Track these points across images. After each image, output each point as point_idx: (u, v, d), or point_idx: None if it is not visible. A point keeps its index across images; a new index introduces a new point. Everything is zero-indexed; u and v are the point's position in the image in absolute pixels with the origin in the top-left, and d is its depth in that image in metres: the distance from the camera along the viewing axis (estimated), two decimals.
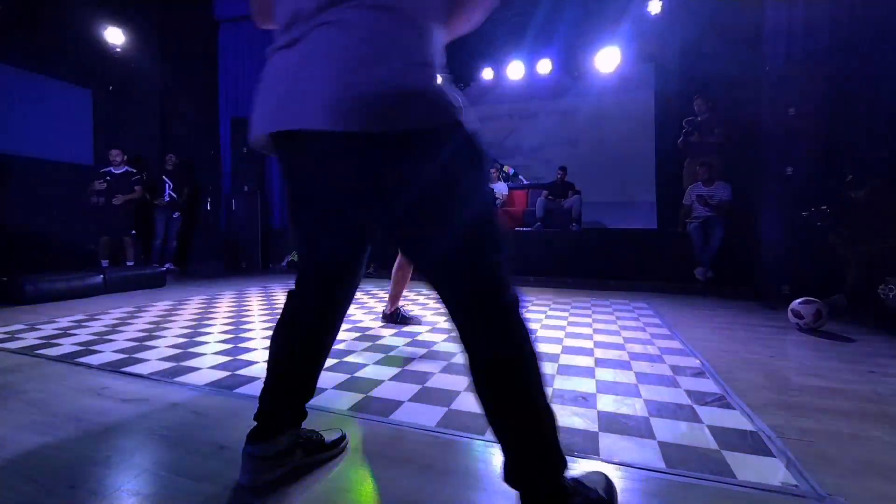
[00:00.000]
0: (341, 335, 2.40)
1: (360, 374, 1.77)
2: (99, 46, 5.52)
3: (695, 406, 1.46)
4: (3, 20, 4.50)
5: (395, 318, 2.68)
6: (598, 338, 2.39)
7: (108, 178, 5.10)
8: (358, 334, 2.44)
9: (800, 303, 2.64)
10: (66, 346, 2.12)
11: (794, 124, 3.69)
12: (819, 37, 3.58)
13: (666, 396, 1.54)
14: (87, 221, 5.25)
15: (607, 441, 1.21)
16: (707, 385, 1.66)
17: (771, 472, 1.07)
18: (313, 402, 1.45)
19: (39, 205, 4.98)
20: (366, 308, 3.26)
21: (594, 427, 1.30)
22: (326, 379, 1.69)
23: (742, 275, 4.23)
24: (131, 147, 5.61)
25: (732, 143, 4.76)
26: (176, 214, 5.74)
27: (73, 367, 1.83)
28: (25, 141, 4.89)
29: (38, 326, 2.51)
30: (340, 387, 1.61)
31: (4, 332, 2.35)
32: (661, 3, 5.73)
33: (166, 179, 5.65)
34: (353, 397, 1.51)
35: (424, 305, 3.39)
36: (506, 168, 7.83)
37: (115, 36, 5.61)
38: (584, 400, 1.51)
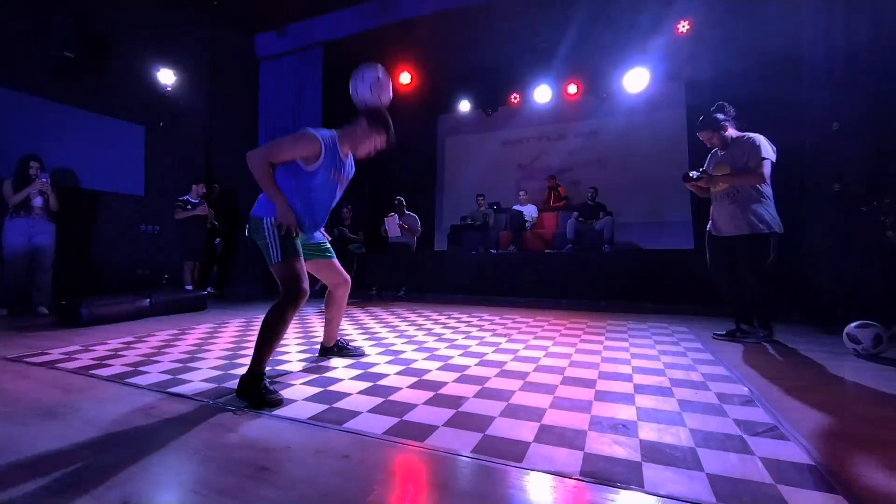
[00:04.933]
0: (374, 358, 2.42)
1: (393, 397, 1.77)
2: (152, 86, 5.98)
3: (745, 436, 1.38)
4: (71, 67, 4.96)
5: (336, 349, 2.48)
6: (637, 363, 2.31)
7: (188, 206, 5.47)
8: (390, 357, 2.45)
9: (856, 326, 2.48)
10: (117, 366, 2.24)
11: (838, 140, 3.54)
12: (861, 52, 3.46)
13: (713, 425, 1.47)
14: (141, 248, 5.65)
15: (651, 472, 1.16)
16: (757, 414, 1.57)
17: None
18: (348, 424, 1.47)
19: (97, 234, 5.34)
20: (397, 332, 3.28)
21: (636, 457, 1.25)
22: (362, 402, 1.71)
23: (788, 297, 4.02)
24: (179, 178, 5.98)
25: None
26: (217, 241, 6.02)
27: (123, 386, 1.92)
28: (84, 175, 5.30)
29: (92, 348, 2.66)
30: (374, 410, 1.62)
31: (63, 353, 2.50)
32: (688, 24, 5.71)
33: (209, 209, 5.96)
34: (387, 421, 1.52)
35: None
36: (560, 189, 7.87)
37: (166, 76, 6.07)
38: (625, 428, 1.45)
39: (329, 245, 2.30)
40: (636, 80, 6.74)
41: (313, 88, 6.71)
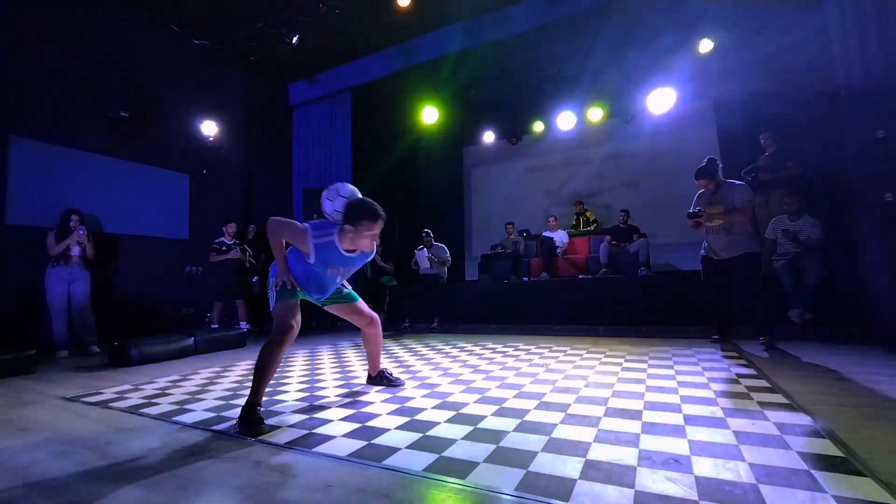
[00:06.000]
0: (410, 392, 2.40)
1: (432, 432, 1.74)
2: (195, 137, 6.43)
3: (813, 472, 1.27)
4: (125, 124, 5.42)
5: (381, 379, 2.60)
6: (685, 391, 2.19)
7: (223, 247, 5.74)
8: (427, 391, 2.43)
9: None
10: (165, 405, 2.31)
11: (885, 148, 3.37)
12: None
13: (775, 459, 1.36)
14: (186, 288, 5.91)
15: None
16: (825, 446, 1.44)
17: None
18: (388, 461, 1.45)
19: (145, 276, 5.66)
20: (432, 364, 3.26)
21: (693, 495, 1.17)
22: (400, 438, 1.69)
23: (847, 316, 3.75)
24: (220, 222, 6.30)
25: (809, 175, 4.42)
26: (255, 279, 6.24)
27: (170, 425, 1.98)
28: (135, 221, 5.68)
29: (141, 387, 2.77)
30: (413, 446, 1.60)
31: (115, 393, 2.62)
32: (712, 43, 5.68)
33: (247, 248, 6.22)
34: (426, 457, 1.49)
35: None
36: (589, 213, 7.82)
37: (209, 128, 6.52)
38: (678, 463, 1.37)
39: (350, 290, 2.44)
40: (662, 100, 6.69)
41: (343, 130, 7.04)
